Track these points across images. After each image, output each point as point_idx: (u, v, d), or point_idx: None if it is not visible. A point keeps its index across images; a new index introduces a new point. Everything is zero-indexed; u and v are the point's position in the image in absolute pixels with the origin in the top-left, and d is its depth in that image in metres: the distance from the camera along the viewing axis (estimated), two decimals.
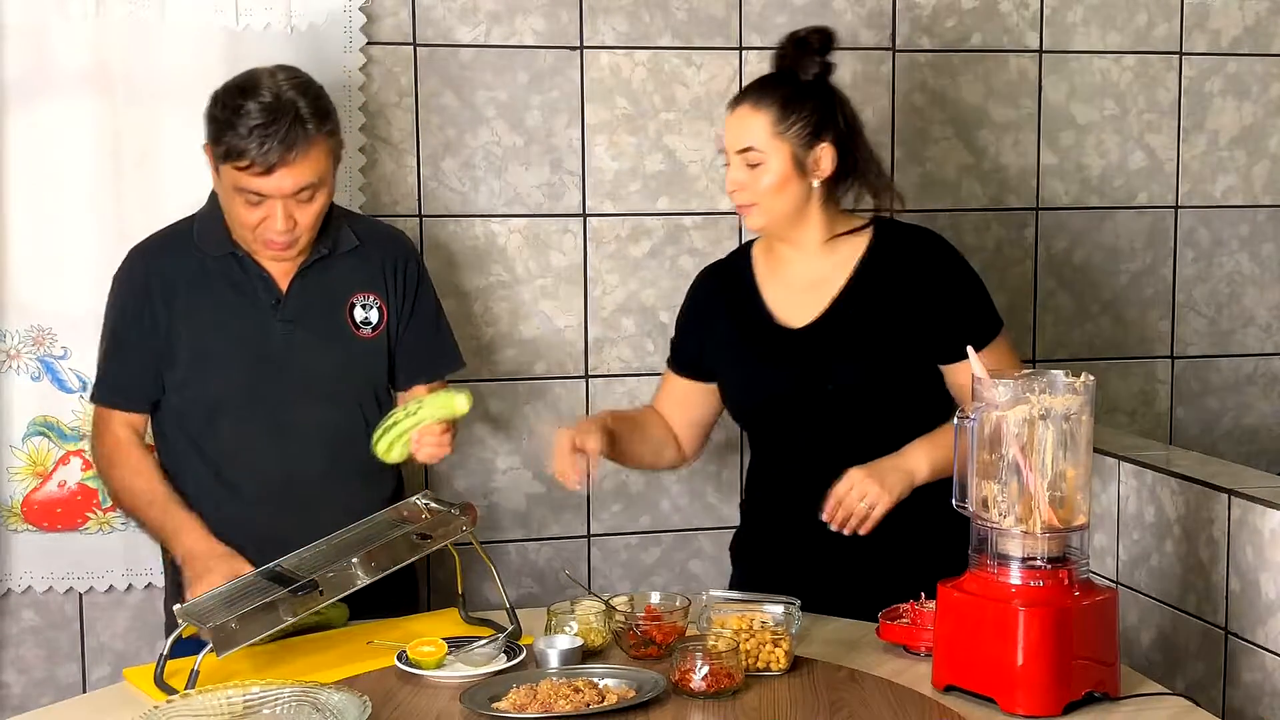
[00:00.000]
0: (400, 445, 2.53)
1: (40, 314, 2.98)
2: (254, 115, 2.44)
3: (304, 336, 2.61)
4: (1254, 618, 2.66)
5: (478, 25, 3.22)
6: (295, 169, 2.46)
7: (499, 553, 3.30)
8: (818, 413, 2.61)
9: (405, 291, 2.71)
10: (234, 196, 2.49)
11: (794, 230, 2.62)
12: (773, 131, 2.55)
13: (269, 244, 2.53)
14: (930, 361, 2.59)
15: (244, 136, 2.43)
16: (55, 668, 3.14)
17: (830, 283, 2.63)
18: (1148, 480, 2.93)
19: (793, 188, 2.57)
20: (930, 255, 2.64)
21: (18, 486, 3.01)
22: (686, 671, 2.13)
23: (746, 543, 2.80)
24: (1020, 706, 2.09)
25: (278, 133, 2.43)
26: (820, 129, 2.57)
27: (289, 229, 2.50)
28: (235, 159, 2.45)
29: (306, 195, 2.50)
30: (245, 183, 2.46)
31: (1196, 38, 3.60)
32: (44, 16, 2.91)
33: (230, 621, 2.17)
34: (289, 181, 2.46)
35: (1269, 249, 3.70)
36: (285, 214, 2.48)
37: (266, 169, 2.44)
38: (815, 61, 2.60)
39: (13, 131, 2.93)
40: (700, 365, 2.75)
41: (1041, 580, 2.11)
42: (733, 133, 2.59)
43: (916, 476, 2.52)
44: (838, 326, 2.61)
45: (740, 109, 2.59)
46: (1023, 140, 3.54)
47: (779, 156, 2.55)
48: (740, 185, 2.58)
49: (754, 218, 2.60)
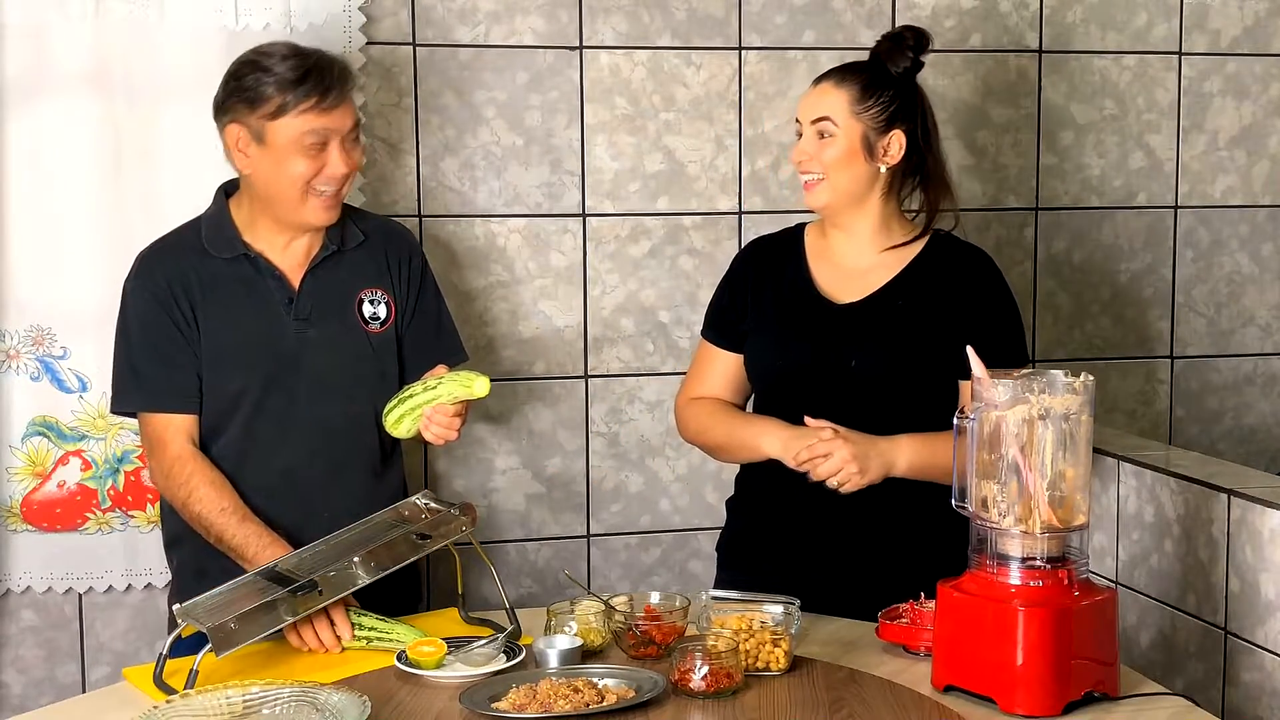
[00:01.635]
0: (410, 419, 2.53)
1: (40, 314, 2.98)
2: (293, 65, 2.51)
3: (317, 334, 2.61)
4: (1254, 618, 2.66)
5: (477, 25, 3.22)
6: (349, 104, 2.56)
7: (499, 553, 3.30)
8: (834, 391, 2.61)
9: (410, 286, 2.71)
10: (292, 154, 2.51)
11: (852, 215, 2.65)
12: (850, 109, 2.60)
13: (323, 200, 2.55)
14: (951, 375, 2.59)
15: (295, 82, 2.49)
16: (55, 668, 3.14)
17: (879, 274, 2.66)
18: (1147, 480, 2.93)
19: (858, 166, 2.61)
20: (978, 274, 2.67)
21: (17, 486, 3.01)
22: (686, 671, 2.13)
23: (739, 541, 2.78)
24: (1020, 706, 2.09)
25: (327, 70, 2.52)
26: (895, 117, 2.62)
27: (350, 169, 2.55)
28: (297, 105, 2.49)
29: (355, 136, 2.57)
30: (312, 124, 2.50)
31: (1196, 38, 3.60)
32: (44, 16, 2.91)
33: (230, 621, 2.17)
34: (349, 116, 2.55)
35: (1269, 249, 3.70)
36: (346, 156, 2.54)
37: (332, 104, 2.51)
38: (907, 57, 2.65)
39: (13, 131, 2.93)
40: (741, 329, 2.75)
41: (1041, 580, 2.11)
42: (810, 103, 2.64)
43: (895, 468, 2.54)
44: (877, 310, 2.63)
45: (823, 84, 2.64)
46: (1022, 140, 3.54)
47: (851, 133, 2.60)
48: (808, 155, 2.62)
49: (817, 193, 2.62)
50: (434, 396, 2.51)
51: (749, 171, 3.37)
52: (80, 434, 3.00)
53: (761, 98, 3.36)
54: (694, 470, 3.38)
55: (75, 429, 3.00)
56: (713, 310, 2.81)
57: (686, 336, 3.34)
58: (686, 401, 2.80)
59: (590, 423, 3.35)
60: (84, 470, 3.02)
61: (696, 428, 2.78)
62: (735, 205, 3.38)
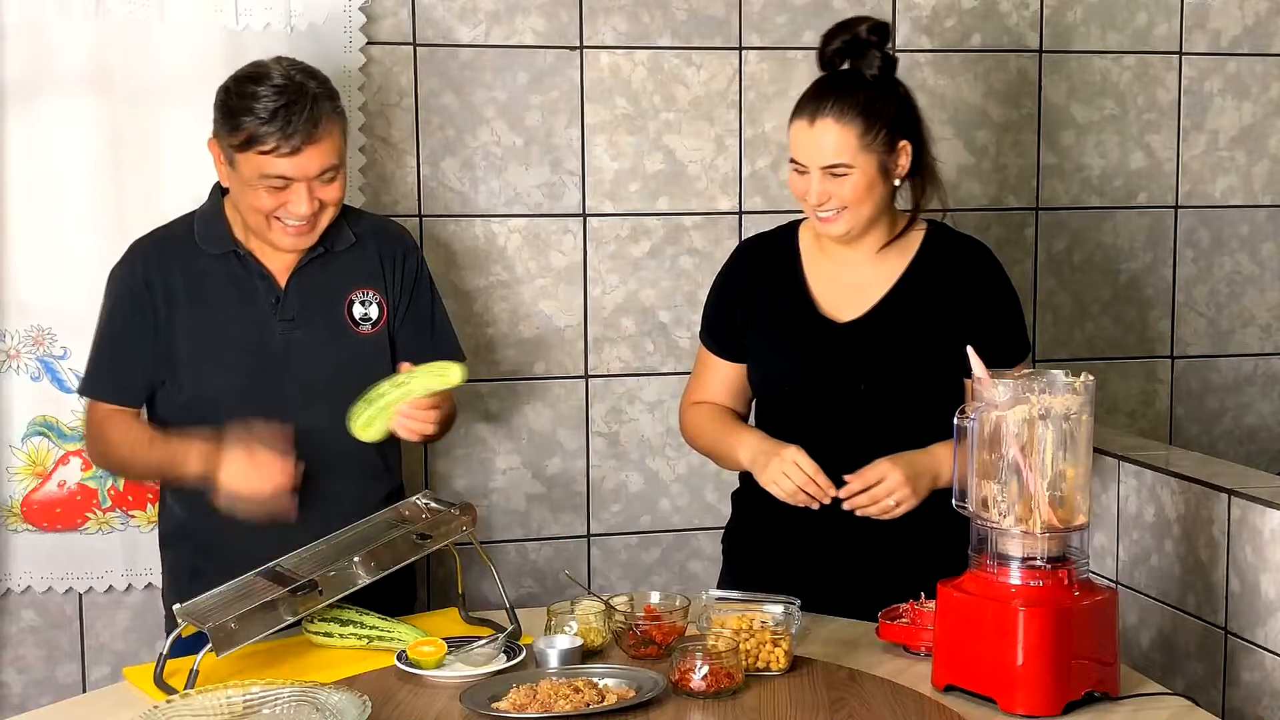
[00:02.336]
0: (382, 420, 2.48)
1: (40, 314, 2.98)
2: (271, 98, 2.45)
3: (303, 335, 2.60)
4: (1254, 618, 2.66)
5: (478, 25, 3.22)
6: (320, 148, 2.48)
7: (499, 553, 3.30)
8: (844, 411, 2.60)
9: (404, 286, 2.70)
10: (254, 185, 2.49)
11: (868, 232, 2.61)
12: (859, 144, 2.51)
13: (287, 230, 2.53)
14: (959, 375, 2.58)
15: (265, 120, 2.44)
16: (55, 668, 3.14)
17: (878, 282, 2.62)
18: (1148, 480, 2.93)
19: (878, 191, 2.55)
20: (977, 267, 2.65)
21: (17, 486, 3.01)
22: (686, 671, 2.13)
23: (742, 536, 2.78)
24: (1020, 706, 2.09)
25: (300, 113, 2.45)
26: (896, 130, 2.55)
27: (314, 210, 2.51)
28: (259, 144, 2.45)
29: (330, 176, 2.51)
30: (270, 167, 2.46)
31: (1196, 38, 3.60)
32: (44, 16, 2.91)
33: (230, 621, 2.17)
34: (315, 162, 2.48)
35: (1269, 249, 3.70)
36: (309, 196, 2.49)
37: (293, 150, 2.45)
38: (876, 56, 2.57)
39: (13, 131, 2.93)
40: (742, 343, 2.72)
41: (1041, 580, 2.11)
42: (814, 147, 2.52)
43: (940, 480, 2.51)
44: (880, 327, 2.60)
45: (821, 122, 2.51)
46: (1023, 140, 3.54)
47: (867, 166, 2.52)
48: (828, 195, 2.53)
49: (839, 224, 2.56)
50: (407, 392, 2.47)
51: (749, 171, 3.37)
52: (80, 434, 2.99)
53: (761, 98, 3.36)
54: (694, 470, 3.38)
55: (75, 429, 3.00)
56: (709, 316, 2.79)
57: (686, 336, 3.34)
58: (688, 405, 2.80)
59: (590, 423, 3.35)
60: (84, 470, 3.02)
61: (693, 433, 2.78)
62: (735, 205, 3.38)
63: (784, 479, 2.49)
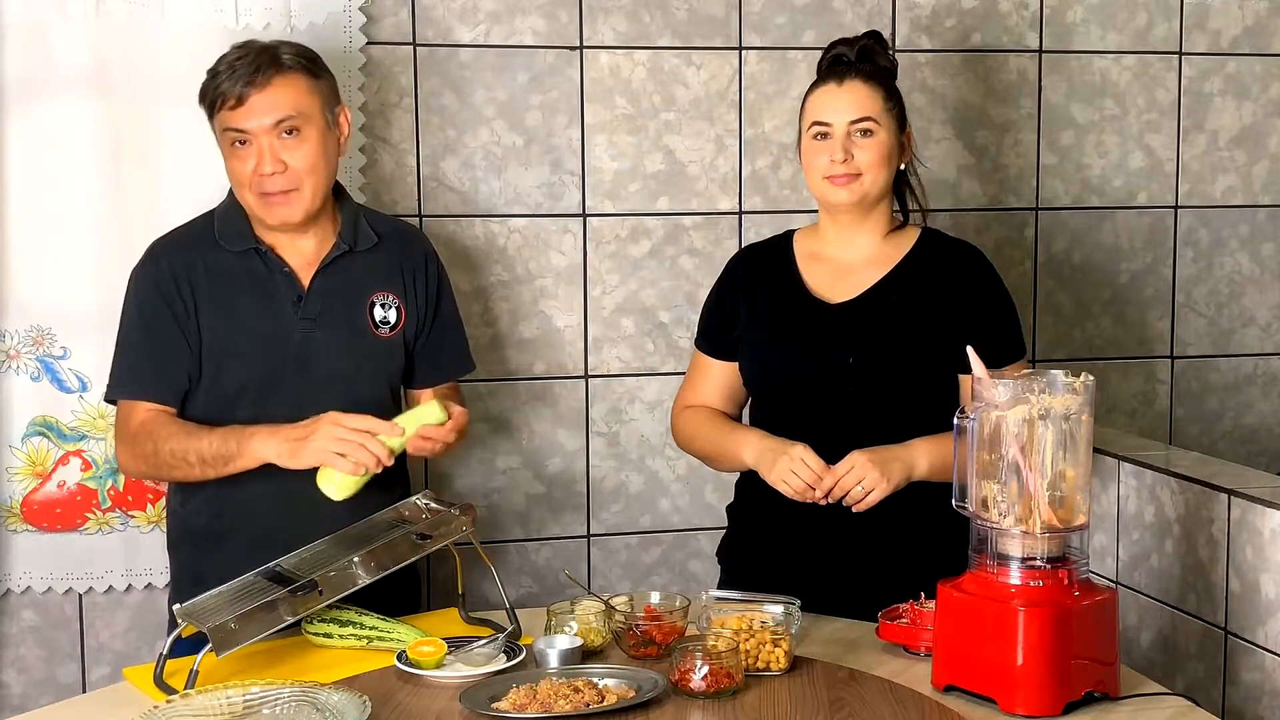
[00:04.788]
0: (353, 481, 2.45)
1: (40, 314, 2.98)
2: (230, 56, 2.52)
3: (324, 334, 2.60)
4: (1254, 618, 2.66)
5: (477, 25, 3.22)
6: (267, 96, 2.48)
7: (499, 553, 3.30)
8: (833, 391, 2.61)
9: (428, 293, 2.71)
10: (227, 153, 2.52)
11: (869, 214, 2.66)
12: (884, 107, 2.62)
13: (267, 197, 2.52)
14: (950, 369, 2.59)
15: (218, 75, 2.50)
16: (55, 668, 3.14)
17: (871, 273, 2.67)
18: (1148, 480, 2.93)
19: (891, 164, 2.64)
20: (970, 268, 2.68)
21: (17, 486, 3.01)
22: (686, 671, 2.13)
23: (738, 544, 2.79)
24: (1020, 706, 2.09)
25: (246, 63, 2.49)
26: (905, 117, 2.67)
27: (278, 170, 2.50)
28: (216, 100, 2.50)
29: (289, 129, 2.51)
30: (227, 121, 2.50)
31: (1196, 38, 3.60)
32: (44, 16, 2.91)
33: (230, 621, 2.17)
34: (264, 111, 2.48)
35: (1269, 249, 3.70)
36: (272, 155, 2.50)
37: (239, 99, 2.48)
38: (887, 57, 2.69)
39: (13, 131, 2.93)
40: (735, 336, 2.74)
41: (1041, 580, 2.11)
42: (844, 103, 2.61)
43: (915, 471, 2.53)
44: (871, 308, 2.64)
45: (851, 82, 2.61)
46: (1022, 140, 3.54)
47: (887, 134, 2.62)
48: (849, 156, 2.59)
49: (852, 189, 2.61)
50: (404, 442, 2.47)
51: (749, 171, 3.37)
52: (80, 434, 3.00)
53: (761, 98, 3.36)
54: (694, 470, 3.37)
55: (75, 429, 3.00)
56: (704, 319, 2.82)
57: (686, 336, 3.34)
58: (680, 410, 2.81)
59: (590, 423, 3.35)
60: (84, 470, 3.02)
61: (687, 436, 2.79)
62: (735, 205, 3.38)
63: (792, 476, 2.50)
